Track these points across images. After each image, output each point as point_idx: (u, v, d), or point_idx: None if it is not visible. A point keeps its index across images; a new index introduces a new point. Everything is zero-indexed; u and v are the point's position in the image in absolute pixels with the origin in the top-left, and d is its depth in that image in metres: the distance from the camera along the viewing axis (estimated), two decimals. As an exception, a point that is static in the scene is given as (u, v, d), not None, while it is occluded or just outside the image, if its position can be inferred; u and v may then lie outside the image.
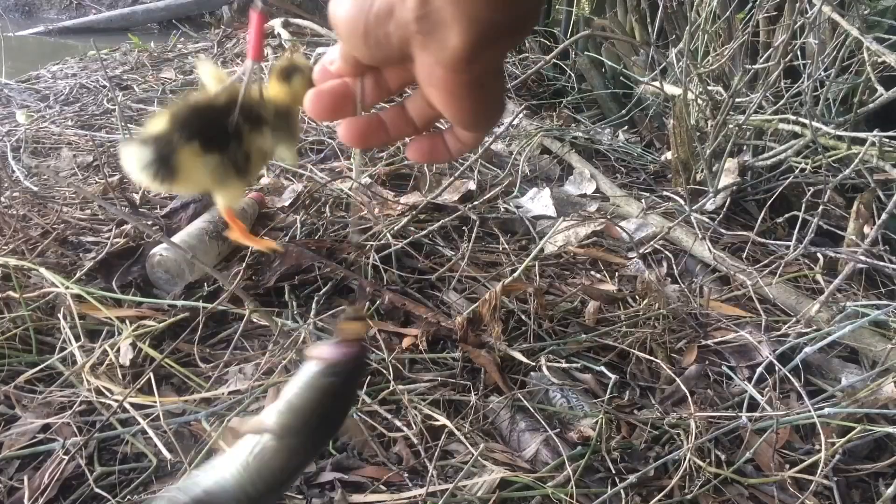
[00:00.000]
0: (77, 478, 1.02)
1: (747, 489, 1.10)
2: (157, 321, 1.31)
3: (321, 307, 1.39)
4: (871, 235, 1.53)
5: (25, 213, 1.68)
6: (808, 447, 1.19)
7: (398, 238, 1.65)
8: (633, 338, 1.39)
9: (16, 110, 2.64)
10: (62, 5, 6.72)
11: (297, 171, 2.09)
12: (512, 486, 1.04)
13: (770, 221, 1.86)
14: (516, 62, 3.40)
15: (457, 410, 1.21)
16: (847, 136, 1.74)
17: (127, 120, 2.51)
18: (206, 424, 1.09)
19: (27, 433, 1.09)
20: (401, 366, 1.27)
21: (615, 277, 1.64)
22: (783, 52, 1.86)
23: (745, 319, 1.50)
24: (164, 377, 1.21)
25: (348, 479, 1.05)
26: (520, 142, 2.43)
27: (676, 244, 1.81)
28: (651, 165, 2.47)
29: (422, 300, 1.48)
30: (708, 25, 2.18)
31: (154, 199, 1.86)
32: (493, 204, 1.96)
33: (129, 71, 3.29)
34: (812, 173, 1.87)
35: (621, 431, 1.17)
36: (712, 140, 2.03)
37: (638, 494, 1.06)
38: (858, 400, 1.19)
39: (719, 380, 1.36)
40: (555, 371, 1.28)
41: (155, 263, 1.45)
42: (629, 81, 2.81)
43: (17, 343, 1.26)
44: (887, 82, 1.74)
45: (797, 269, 1.70)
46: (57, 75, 3.29)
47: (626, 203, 2.04)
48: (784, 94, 1.95)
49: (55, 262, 1.51)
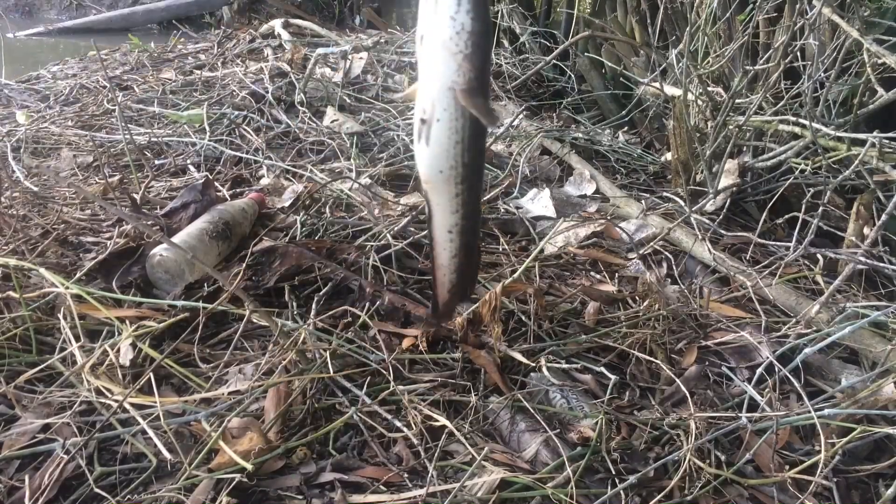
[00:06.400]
0: (77, 478, 1.02)
1: (747, 490, 1.10)
2: (157, 321, 1.31)
3: (321, 307, 1.39)
4: (871, 236, 1.53)
5: (25, 213, 1.68)
6: (807, 448, 1.19)
7: (398, 238, 1.65)
8: (633, 339, 1.39)
9: (16, 110, 2.64)
10: (62, 5, 6.73)
11: (296, 172, 2.09)
12: (512, 487, 1.04)
13: (770, 222, 1.86)
14: (516, 63, 3.40)
15: (457, 411, 1.21)
16: (847, 138, 1.74)
17: (127, 120, 2.51)
18: (206, 424, 1.09)
19: (27, 433, 1.09)
20: (401, 366, 1.27)
21: (615, 278, 1.64)
22: (783, 53, 1.86)
23: (745, 320, 1.50)
24: (164, 377, 1.21)
25: (348, 479, 1.05)
26: (520, 142, 2.44)
27: (676, 245, 1.82)
28: (651, 166, 2.47)
29: (422, 300, 1.48)
30: (708, 27, 2.18)
31: (154, 199, 1.86)
32: (493, 205, 1.96)
33: (129, 71, 3.29)
34: (812, 174, 1.87)
35: (621, 432, 1.17)
36: (712, 141, 2.03)
37: (638, 495, 1.06)
38: (858, 401, 1.19)
39: (719, 381, 1.36)
40: (555, 372, 1.28)
41: (155, 264, 1.45)
42: (629, 82, 2.82)
43: (17, 343, 1.26)
44: (887, 83, 1.75)
45: (797, 270, 1.70)
46: (57, 75, 3.29)
47: (626, 204, 2.04)
48: (784, 95, 1.95)
49: (55, 262, 1.51)
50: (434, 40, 0.52)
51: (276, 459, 1.06)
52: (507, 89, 3.08)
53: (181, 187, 1.93)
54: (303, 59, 3.19)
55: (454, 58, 0.52)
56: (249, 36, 3.95)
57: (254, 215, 1.73)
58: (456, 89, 0.53)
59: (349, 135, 2.42)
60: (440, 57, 0.52)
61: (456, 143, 0.55)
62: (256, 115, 2.56)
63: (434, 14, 0.52)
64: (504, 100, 2.92)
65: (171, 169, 2.15)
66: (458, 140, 0.55)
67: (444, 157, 0.55)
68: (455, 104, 0.53)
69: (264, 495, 1.02)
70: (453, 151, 0.55)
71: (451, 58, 0.52)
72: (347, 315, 1.38)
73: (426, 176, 0.57)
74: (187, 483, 1.00)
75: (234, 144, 2.31)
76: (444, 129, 0.53)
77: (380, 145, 2.41)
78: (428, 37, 0.53)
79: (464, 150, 0.55)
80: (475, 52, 0.52)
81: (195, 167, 2.16)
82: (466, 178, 0.56)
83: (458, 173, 0.56)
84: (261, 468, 1.04)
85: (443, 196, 0.58)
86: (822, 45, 1.85)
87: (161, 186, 1.99)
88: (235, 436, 1.08)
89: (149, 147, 2.28)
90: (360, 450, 1.12)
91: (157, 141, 2.32)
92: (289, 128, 2.48)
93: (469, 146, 0.55)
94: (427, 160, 0.56)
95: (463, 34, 0.52)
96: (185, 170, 2.15)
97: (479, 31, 0.52)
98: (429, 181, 0.57)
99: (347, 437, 1.13)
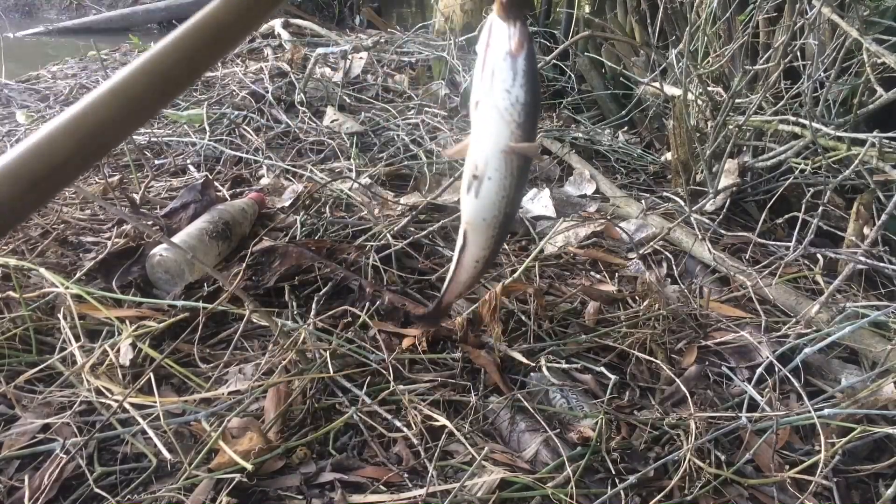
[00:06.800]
0: (77, 478, 1.02)
1: (747, 490, 1.10)
2: (157, 321, 1.31)
3: (321, 307, 1.39)
4: (871, 236, 1.53)
5: (25, 213, 1.68)
6: (807, 448, 1.19)
7: (398, 238, 1.65)
8: (633, 338, 1.39)
9: (16, 110, 2.64)
10: (62, 5, 6.73)
11: (296, 172, 2.09)
12: (512, 487, 1.04)
13: (770, 222, 1.86)
14: (516, 63, 3.39)
15: (457, 411, 1.21)
16: (847, 137, 1.74)
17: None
18: (206, 424, 1.09)
19: (27, 433, 1.09)
20: (401, 366, 1.27)
21: (615, 278, 1.64)
22: (783, 52, 1.86)
23: (744, 320, 1.50)
24: (164, 377, 1.21)
25: (348, 479, 1.05)
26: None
27: (676, 245, 1.82)
28: (651, 166, 2.47)
29: (422, 300, 1.48)
30: (708, 26, 2.18)
31: (154, 199, 1.86)
32: (493, 204, 1.95)
33: (129, 71, 3.28)
34: (812, 174, 1.87)
35: (621, 432, 1.17)
36: (712, 141, 2.03)
37: (638, 495, 1.06)
38: (858, 401, 1.19)
39: (719, 380, 1.36)
40: (555, 372, 1.28)
41: (155, 263, 1.45)
42: (629, 82, 2.82)
43: (17, 343, 1.26)
44: (887, 83, 1.74)
45: (797, 269, 1.70)
46: (57, 75, 3.29)
47: (626, 204, 2.04)
48: (784, 95, 1.95)
49: (55, 262, 1.51)
50: (489, 109, 0.59)
51: (276, 459, 1.06)
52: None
53: (181, 187, 1.93)
54: (303, 58, 3.19)
55: (507, 126, 0.59)
56: (249, 36, 3.95)
57: (254, 215, 1.73)
58: (507, 150, 0.60)
59: (349, 135, 2.42)
60: (495, 125, 0.59)
61: (502, 197, 0.62)
62: (256, 114, 2.56)
63: (490, 86, 0.58)
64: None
65: (171, 169, 2.15)
66: (504, 195, 0.62)
67: (489, 209, 0.63)
68: (506, 165, 0.61)
69: (264, 495, 1.02)
70: (499, 204, 0.62)
71: (504, 126, 0.59)
72: (347, 315, 1.38)
73: (470, 221, 0.64)
74: (187, 483, 1.00)
75: (233, 144, 2.31)
76: (493, 186, 0.61)
77: (380, 145, 2.41)
78: (483, 105, 0.59)
79: (507, 203, 0.63)
80: (527, 120, 0.59)
81: (195, 167, 2.16)
82: (504, 223, 0.64)
83: (498, 221, 0.64)
84: (261, 468, 1.04)
85: (481, 237, 0.65)
86: (821, 44, 1.85)
87: (161, 186, 1.99)
88: (235, 436, 1.08)
89: (149, 147, 2.28)
90: (360, 450, 1.12)
91: (156, 141, 2.32)
92: (289, 128, 2.48)
93: (512, 199, 0.63)
94: (474, 209, 0.63)
95: (517, 105, 0.58)
96: (185, 170, 2.15)
97: (531, 102, 0.59)
98: (471, 224, 0.65)
99: (347, 437, 1.13)
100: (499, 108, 0.58)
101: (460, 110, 2.69)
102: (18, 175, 0.31)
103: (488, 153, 0.61)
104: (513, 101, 0.58)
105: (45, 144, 0.31)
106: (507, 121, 0.58)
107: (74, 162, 0.32)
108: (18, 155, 0.31)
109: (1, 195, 0.30)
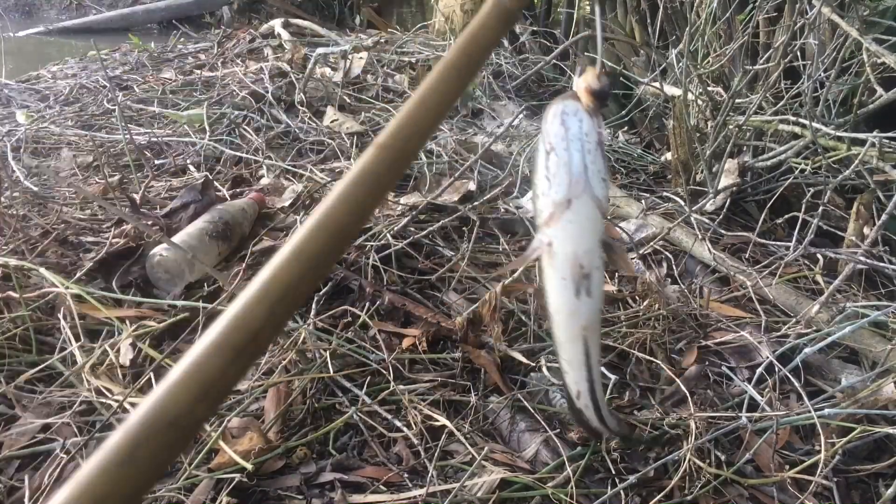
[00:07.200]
0: (77, 478, 1.02)
1: (747, 490, 1.10)
2: (157, 321, 1.31)
3: (321, 307, 1.39)
4: (871, 236, 1.53)
5: (25, 213, 1.68)
6: (807, 448, 1.19)
7: (398, 238, 1.65)
8: (633, 338, 1.39)
9: (16, 110, 2.64)
10: (62, 5, 6.73)
11: (296, 172, 2.09)
12: (512, 487, 1.04)
13: (770, 222, 1.86)
14: (516, 63, 3.40)
15: (457, 411, 1.21)
16: (847, 137, 1.74)
17: (127, 120, 2.51)
18: (206, 424, 1.09)
19: (27, 433, 1.09)
20: (401, 366, 1.27)
21: (615, 278, 1.64)
22: (783, 52, 1.86)
23: (744, 320, 1.50)
24: (163, 377, 1.21)
25: (348, 479, 1.05)
26: (520, 142, 2.43)
27: (676, 245, 1.81)
28: (651, 166, 2.47)
29: (422, 300, 1.48)
30: (708, 26, 2.18)
31: (154, 199, 1.86)
32: (493, 204, 1.96)
33: (129, 71, 3.29)
34: (812, 174, 1.87)
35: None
36: (712, 141, 2.03)
37: (638, 495, 1.06)
38: (858, 401, 1.19)
39: (719, 380, 1.36)
40: (555, 372, 1.28)
41: (155, 263, 1.45)
42: (629, 82, 2.82)
43: (17, 343, 1.26)
44: (887, 83, 1.74)
45: (797, 269, 1.70)
46: (57, 75, 3.29)
47: (626, 204, 2.04)
48: (784, 94, 1.95)
49: (55, 262, 1.51)
50: (587, 202, 0.59)
51: (276, 459, 1.06)
52: (506, 89, 3.08)
53: (181, 187, 1.93)
54: (303, 58, 3.18)
55: (603, 214, 0.59)
56: (249, 36, 3.94)
57: (254, 215, 1.73)
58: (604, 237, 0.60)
59: (349, 135, 2.42)
60: (596, 216, 0.58)
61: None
62: (256, 114, 2.56)
63: (586, 180, 0.58)
64: (504, 100, 2.92)
65: (171, 169, 2.15)
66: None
67: (600, 300, 0.62)
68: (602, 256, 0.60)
69: (264, 495, 1.02)
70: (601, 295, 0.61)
71: (601, 215, 0.59)
72: (347, 315, 1.38)
73: (589, 324, 0.63)
74: (187, 483, 1.00)
75: (234, 144, 2.31)
76: (599, 275, 0.60)
77: (380, 145, 2.40)
78: (581, 201, 0.59)
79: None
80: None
81: (195, 167, 2.16)
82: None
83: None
84: (261, 468, 1.04)
85: (596, 334, 0.64)
86: (821, 44, 1.85)
87: (161, 186, 1.99)
88: (235, 436, 1.08)
89: (149, 147, 2.28)
90: (360, 450, 1.12)
91: (157, 141, 2.32)
92: (289, 128, 2.48)
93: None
94: (591, 309, 0.61)
95: (607, 191, 0.59)
96: (185, 170, 2.15)
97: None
98: (590, 328, 0.63)
99: (347, 436, 1.14)
100: (598, 200, 0.57)
101: (460, 110, 2.69)
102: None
103: (591, 246, 0.58)
104: (607, 191, 0.58)
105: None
106: (604, 209, 0.58)
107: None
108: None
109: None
